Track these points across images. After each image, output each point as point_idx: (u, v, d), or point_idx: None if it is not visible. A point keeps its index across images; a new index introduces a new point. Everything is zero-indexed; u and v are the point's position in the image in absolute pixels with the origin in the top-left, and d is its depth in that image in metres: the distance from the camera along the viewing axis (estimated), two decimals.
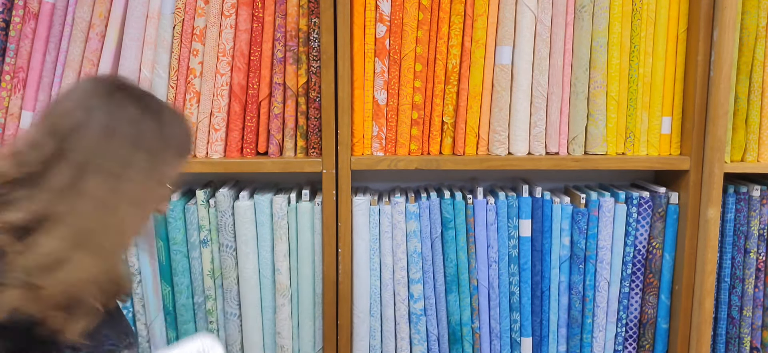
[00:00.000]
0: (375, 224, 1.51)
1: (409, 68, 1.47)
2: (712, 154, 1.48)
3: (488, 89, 1.50)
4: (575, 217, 1.53)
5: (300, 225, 1.49)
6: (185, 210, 1.47)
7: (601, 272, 1.54)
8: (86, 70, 1.43)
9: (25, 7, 1.42)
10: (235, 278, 1.50)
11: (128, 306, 1.50)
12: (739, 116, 1.51)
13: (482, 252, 1.52)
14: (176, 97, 1.46)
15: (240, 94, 1.46)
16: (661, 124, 1.53)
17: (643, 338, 1.59)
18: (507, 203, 1.52)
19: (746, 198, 1.54)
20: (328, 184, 1.46)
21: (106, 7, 1.43)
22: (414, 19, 1.46)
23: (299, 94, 1.46)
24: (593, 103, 1.51)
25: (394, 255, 1.52)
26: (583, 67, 1.49)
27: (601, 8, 1.47)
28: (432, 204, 1.51)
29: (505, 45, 1.48)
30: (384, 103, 1.49)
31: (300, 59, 1.45)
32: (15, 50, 1.43)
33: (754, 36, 1.48)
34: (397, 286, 1.53)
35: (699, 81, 1.48)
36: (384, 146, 1.50)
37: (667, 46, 1.51)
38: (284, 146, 1.49)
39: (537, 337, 1.58)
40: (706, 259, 1.50)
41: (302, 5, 1.43)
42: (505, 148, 1.51)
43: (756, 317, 1.57)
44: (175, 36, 1.45)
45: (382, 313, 1.54)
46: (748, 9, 1.47)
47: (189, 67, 1.45)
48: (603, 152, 1.52)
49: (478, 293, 1.53)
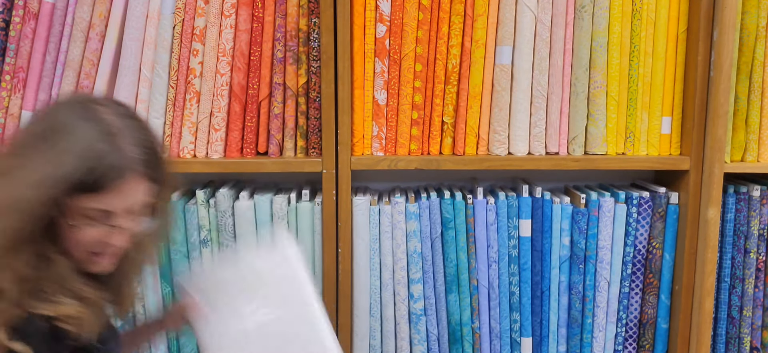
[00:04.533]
0: (375, 224, 1.51)
1: (409, 68, 1.47)
2: (712, 154, 1.48)
3: (488, 89, 1.50)
4: (575, 217, 1.53)
5: (300, 226, 1.49)
6: (185, 210, 1.47)
7: (601, 272, 1.54)
8: (86, 70, 1.43)
9: (25, 7, 1.42)
10: None
11: None
12: (739, 116, 1.51)
13: (482, 252, 1.52)
14: (176, 97, 1.46)
15: (240, 94, 1.46)
16: (661, 124, 1.53)
17: (643, 338, 1.59)
18: (507, 203, 1.52)
19: (746, 198, 1.54)
20: (328, 184, 1.46)
21: (106, 7, 1.43)
22: (414, 19, 1.46)
23: (299, 94, 1.46)
24: (593, 103, 1.51)
25: (394, 255, 1.52)
26: (583, 67, 1.49)
27: (601, 8, 1.47)
28: (432, 204, 1.51)
29: (505, 45, 1.48)
30: (384, 103, 1.49)
31: (300, 59, 1.45)
32: (15, 50, 1.43)
33: (754, 36, 1.48)
34: (397, 286, 1.53)
35: (699, 81, 1.48)
36: (384, 146, 1.50)
37: (667, 46, 1.51)
38: (284, 146, 1.49)
39: (537, 337, 1.58)
40: (706, 259, 1.50)
41: (302, 5, 1.43)
42: (505, 148, 1.51)
43: (756, 317, 1.57)
44: (175, 36, 1.45)
45: (382, 313, 1.54)
46: (748, 9, 1.47)
47: (189, 67, 1.45)
48: (603, 152, 1.52)
49: (478, 293, 1.53)
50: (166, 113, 1.46)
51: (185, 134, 1.46)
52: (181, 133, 1.46)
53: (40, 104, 1.44)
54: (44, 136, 0.89)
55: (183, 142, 1.46)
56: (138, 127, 0.95)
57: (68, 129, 0.89)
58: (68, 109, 0.92)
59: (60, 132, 0.89)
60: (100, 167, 0.87)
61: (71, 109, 0.92)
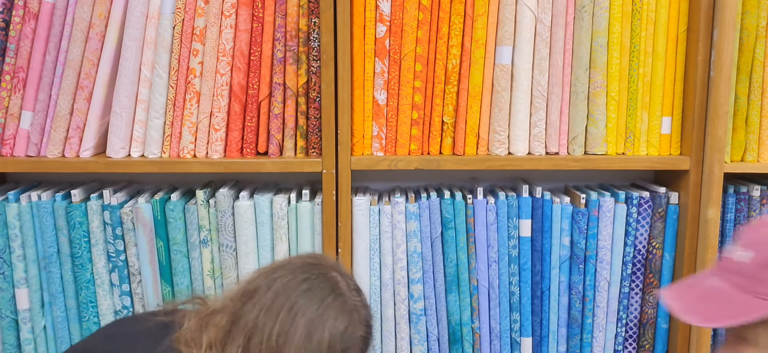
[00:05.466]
0: (375, 224, 1.51)
1: (409, 68, 1.47)
2: (712, 154, 1.48)
3: (488, 89, 1.50)
4: (575, 217, 1.53)
5: (300, 225, 1.49)
6: (185, 210, 1.47)
7: (601, 272, 1.54)
8: (86, 70, 1.43)
9: (25, 7, 1.42)
10: (235, 278, 1.50)
11: (129, 306, 1.50)
12: (739, 116, 1.51)
13: (482, 252, 1.52)
14: (176, 97, 1.46)
15: (240, 94, 1.46)
16: (661, 124, 1.53)
17: (643, 338, 1.59)
18: (507, 203, 1.52)
19: (746, 198, 1.54)
20: (328, 184, 1.46)
21: (106, 7, 1.43)
22: (414, 19, 1.46)
23: (299, 94, 1.46)
24: (593, 103, 1.51)
25: (394, 255, 1.52)
26: (583, 67, 1.49)
27: (601, 8, 1.47)
28: (432, 204, 1.51)
29: (505, 45, 1.48)
30: (384, 103, 1.49)
31: (300, 59, 1.45)
32: (15, 50, 1.43)
33: (754, 36, 1.48)
34: (397, 286, 1.53)
35: (699, 81, 1.48)
36: (384, 146, 1.50)
37: (667, 46, 1.51)
38: (284, 146, 1.49)
39: (537, 337, 1.58)
40: (706, 259, 1.50)
41: (302, 5, 1.43)
42: (505, 148, 1.51)
43: None
44: (175, 36, 1.45)
45: (382, 313, 1.54)
46: (748, 9, 1.47)
47: (189, 67, 1.45)
48: (603, 152, 1.52)
49: (478, 293, 1.53)
50: (166, 113, 1.46)
51: (185, 134, 1.46)
52: (181, 133, 1.46)
53: (40, 104, 1.44)
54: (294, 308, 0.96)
55: (183, 142, 1.46)
56: (365, 304, 1.04)
57: (318, 309, 0.97)
58: (313, 281, 0.99)
59: (310, 308, 0.96)
60: (336, 348, 0.97)
61: (318, 284, 0.99)
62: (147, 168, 1.46)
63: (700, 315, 0.95)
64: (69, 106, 1.44)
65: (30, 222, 1.46)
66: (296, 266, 1.02)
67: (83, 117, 1.45)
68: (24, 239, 1.47)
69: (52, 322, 1.50)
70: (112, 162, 1.45)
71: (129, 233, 1.46)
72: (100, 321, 1.50)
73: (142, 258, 1.47)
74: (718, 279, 0.96)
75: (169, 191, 1.54)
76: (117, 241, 1.47)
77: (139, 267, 1.48)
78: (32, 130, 1.46)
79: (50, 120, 1.45)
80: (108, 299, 1.49)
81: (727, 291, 0.93)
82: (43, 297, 1.50)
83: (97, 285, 1.48)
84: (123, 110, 1.44)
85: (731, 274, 0.94)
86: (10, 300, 1.49)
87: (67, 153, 1.46)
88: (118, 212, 1.46)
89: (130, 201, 1.49)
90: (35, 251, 1.47)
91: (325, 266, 1.04)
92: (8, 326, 1.50)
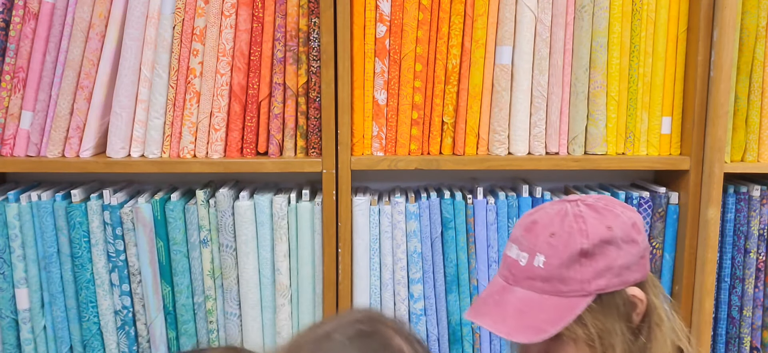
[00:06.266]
0: (375, 224, 1.51)
1: (409, 68, 1.47)
2: (712, 154, 1.48)
3: (488, 89, 1.50)
4: None
5: (300, 225, 1.49)
6: (185, 210, 1.47)
7: None
8: (86, 70, 1.43)
9: (25, 7, 1.43)
10: (235, 278, 1.50)
11: (129, 306, 1.50)
12: (739, 116, 1.51)
13: (482, 252, 1.52)
14: (176, 97, 1.46)
15: (240, 94, 1.46)
16: (661, 124, 1.53)
17: None
18: (507, 203, 1.52)
19: (746, 198, 1.54)
20: (328, 184, 1.46)
21: (106, 7, 1.43)
22: (414, 19, 1.46)
23: (299, 94, 1.46)
24: (593, 103, 1.51)
25: (394, 255, 1.52)
26: (583, 67, 1.49)
27: (601, 8, 1.47)
28: (432, 204, 1.52)
29: (505, 45, 1.48)
30: (384, 103, 1.49)
31: (300, 59, 1.45)
32: (15, 50, 1.43)
33: (754, 36, 1.48)
34: (397, 286, 1.53)
35: (699, 81, 1.48)
36: (384, 146, 1.51)
37: (667, 46, 1.51)
38: (284, 146, 1.49)
39: None
40: (706, 259, 1.50)
41: (302, 5, 1.43)
42: (505, 148, 1.51)
43: (756, 317, 1.57)
44: (175, 36, 1.45)
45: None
46: (748, 9, 1.47)
47: (189, 67, 1.45)
48: (603, 152, 1.52)
49: (478, 293, 1.53)
50: (166, 113, 1.46)
51: (185, 134, 1.46)
52: (181, 133, 1.46)
53: (40, 104, 1.44)
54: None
55: (183, 142, 1.46)
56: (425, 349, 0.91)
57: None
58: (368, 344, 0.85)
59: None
60: None
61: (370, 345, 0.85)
62: (147, 168, 1.46)
63: (531, 330, 0.89)
64: (69, 106, 1.44)
65: (30, 222, 1.47)
66: (348, 336, 0.86)
67: (83, 117, 1.45)
68: (24, 239, 1.47)
69: (52, 322, 1.50)
70: (112, 162, 1.45)
71: (129, 233, 1.46)
72: (100, 321, 1.50)
73: (142, 258, 1.47)
74: (521, 289, 0.93)
75: (169, 191, 1.54)
76: (117, 241, 1.47)
77: (139, 267, 1.48)
78: (32, 130, 1.46)
79: (50, 120, 1.45)
80: (108, 299, 1.49)
81: (538, 299, 0.91)
82: (43, 297, 1.50)
83: (97, 285, 1.48)
84: (123, 110, 1.44)
85: (533, 281, 0.91)
86: (10, 300, 1.49)
87: (67, 153, 1.46)
88: (118, 212, 1.46)
89: (130, 201, 1.49)
90: (35, 251, 1.47)
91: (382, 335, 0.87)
92: (8, 326, 1.50)
